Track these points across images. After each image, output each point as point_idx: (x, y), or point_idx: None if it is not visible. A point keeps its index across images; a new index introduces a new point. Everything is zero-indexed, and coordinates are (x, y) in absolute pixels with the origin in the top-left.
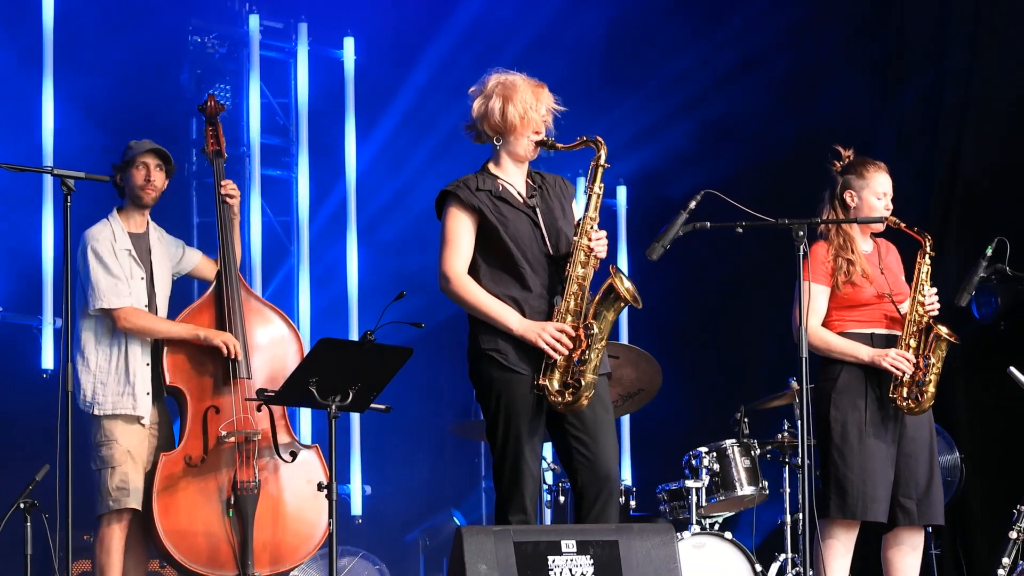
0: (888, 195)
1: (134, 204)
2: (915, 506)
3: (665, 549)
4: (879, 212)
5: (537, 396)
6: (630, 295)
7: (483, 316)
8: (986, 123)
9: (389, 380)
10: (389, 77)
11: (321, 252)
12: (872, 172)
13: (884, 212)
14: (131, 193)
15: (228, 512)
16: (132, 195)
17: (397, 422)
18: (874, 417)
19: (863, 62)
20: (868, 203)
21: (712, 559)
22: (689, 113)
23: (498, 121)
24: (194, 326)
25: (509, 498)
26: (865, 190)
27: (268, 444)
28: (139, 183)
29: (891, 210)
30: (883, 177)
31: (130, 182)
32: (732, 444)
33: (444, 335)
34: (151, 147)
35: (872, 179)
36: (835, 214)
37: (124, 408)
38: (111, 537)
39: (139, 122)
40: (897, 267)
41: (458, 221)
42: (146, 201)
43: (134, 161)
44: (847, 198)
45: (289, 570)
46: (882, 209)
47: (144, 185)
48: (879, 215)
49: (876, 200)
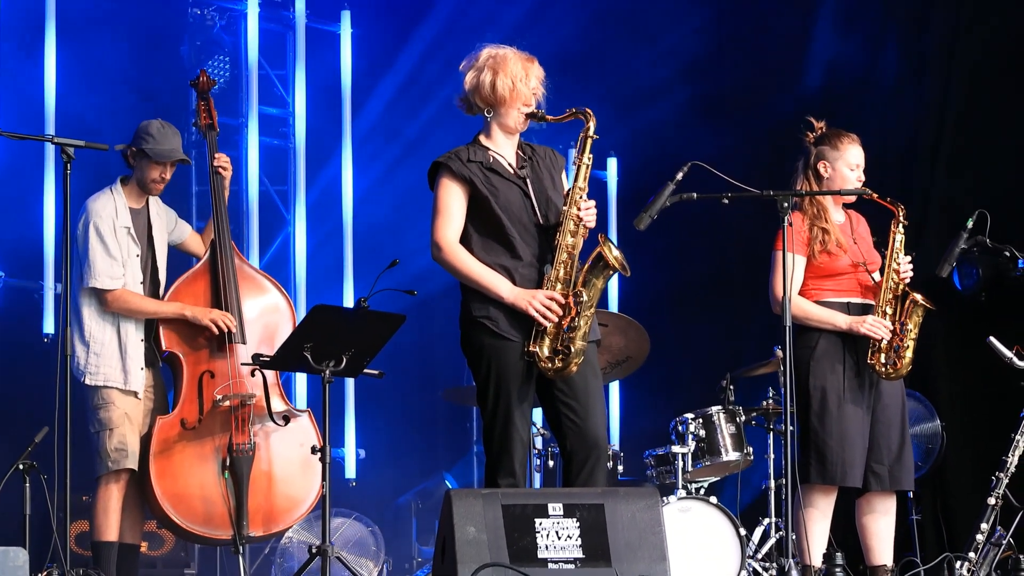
0: (860, 166)
1: (140, 188)
2: (887, 472)
3: (650, 513)
4: (852, 183)
5: (527, 362)
6: (618, 263)
7: (474, 284)
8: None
9: (382, 346)
10: (385, 50)
11: (317, 221)
12: (845, 144)
13: (857, 183)
14: (140, 180)
15: (224, 474)
16: (141, 183)
17: (390, 387)
18: (851, 384)
19: (850, 31)
20: (841, 174)
21: (698, 523)
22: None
23: (489, 93)
24: (182, 305)
25: (499, 461)
26: (839, 161)
27: (262, 409)
28: (154, 178)
29: (863, 181)
30: (856, 149)
31: (144, 172)
32: (718, 411)
33: (436, 303)
34: (180, 158)
35: (845, 150)
36: (809, 184)
37: (116, 382)
38: (109, 497)
39: (140, 93)
40: (868, 237)
41: (450, 191)
42: (154, 194)
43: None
44: (821, 169)
45: (283, 531)
46: (855, 180)
47: (159, 181)
48: (852, 186)
49: (849, 171)
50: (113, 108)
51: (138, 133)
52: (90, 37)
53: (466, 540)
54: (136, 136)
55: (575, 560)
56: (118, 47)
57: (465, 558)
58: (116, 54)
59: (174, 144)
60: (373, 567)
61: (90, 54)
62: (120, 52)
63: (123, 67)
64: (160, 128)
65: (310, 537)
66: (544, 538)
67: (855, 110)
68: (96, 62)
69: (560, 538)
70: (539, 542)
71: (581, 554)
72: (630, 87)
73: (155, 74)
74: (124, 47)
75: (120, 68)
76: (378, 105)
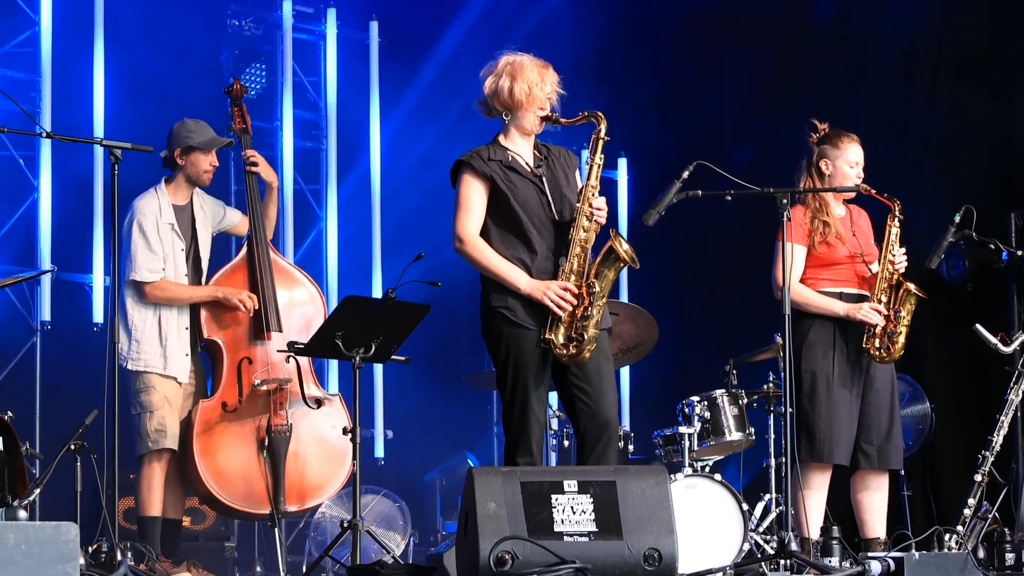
0: (860, 164)
1: (189, 182)
2: (875, 452)
3: (659, 489)
4: (851, 180)
5: (543, 349)
6: (628, 256)
7: (493, 276)
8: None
9: (408, 334)
10: (410, 57)
11: (348, 217)
12: (845, 143)
13: (856, 180)
14: (194, 174)
15: (262, 453)
16: (195, 176)
17: (416, 372)
18: (842, 369)
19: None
20: (841, 171)
21: (703, 498)
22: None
23: (506, 98)
24: (215, 287)
25: (517, 442)
26: (839, 159)
27: (297, 393)
28: (206, 168)
29: (862, 178)
30: (855, 148)
31: (196, 165)
32: (722, 394)
33: (459, 293)
34: (225, 142)
35: (845, 149)
36: (812, 180)
37: (156, 367)
38: (151, 475)
39: (183, 99)
40: (868, 231)
41: (471, 187)
42: (205, 183)
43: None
44: (822, 166)
45: (317, 507)
46: (854, 177)
47: (210, 170)
48: (852, 183)
49: (849, 168)
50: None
51: (178, 133)
52: (134, 46)
53: (487, 515)
54: (175, 137)
55: (589, 533)
56: (160, 55)
57: (486, 532)
58: (159, 62)
59: (211, 133)
60: (400, 540)
61: (134, 62)
62: (162, 60)
63: (165, 74)
64: (195, 123)
65: (342, 512)
66: (560, 513)
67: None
68: (140, 70)
69: (575, 513)
70: (555, 516)
71: (595, 528)
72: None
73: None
74: (166, 55)
75: (162, 75)
76: (404, 109)
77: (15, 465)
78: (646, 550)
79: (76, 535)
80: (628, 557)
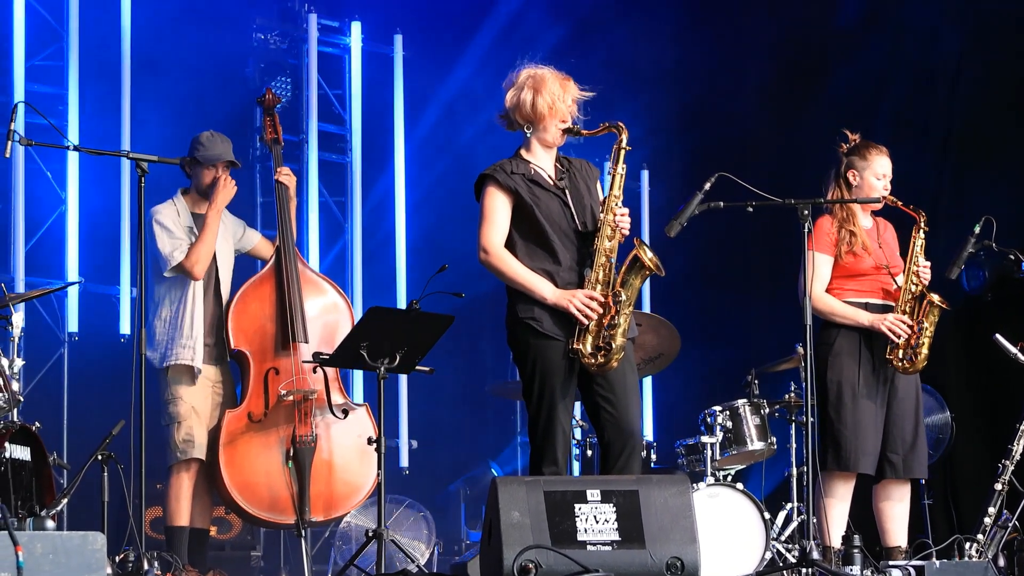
0: (887, 176)
1: (200, 193)
2: (901, 461)
3: (681, 498)
4: (878, 192)
5: (569, 359)
6: (653, 264)
7: (519, 287)
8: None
9: (432, 345)
10: (433, 71)
11: (373, 229)
12: (874, 155)
13: (883, 192)
14: (198, 187)
15: (287, 463)
16: (199, 189)
17: (441, 383)
18: (867, 379)
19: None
20: (868, 183)
21: (725, 508)
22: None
23: (528, 111)
24: (216, 212)
25: (543, 452)
26: (867, 171)
27: (323, 403)
28: (207, 182)
29: (889, 190)
30: (884, 160)
31: (199, 179)
32: (744, 403)
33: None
34: (228, 159)
35: (873, 161)
36: (839, 191)
37: (184, 359)
38: (179, 485)
39: (209, 111)
40: (894, 243)
41: (495, 200)
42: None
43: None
44: (850, 177)
45: (342, 516)
46: (881, 189)
47: (213, 184)
48: (878, 194)
49: (876, 180)
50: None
51: (191, 144)
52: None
53: (511, 524)
54: (190, 148)
55: (612, 543)
56: (186, 69)
57: (510, 540)
58: (185, 75)
59: (222, 149)
60: (425, 549)
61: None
62: (189, 73)
63: (191, 87)
64: (210, 137)
65: (367, 521)
66: (583, 522)
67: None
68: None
69: (598, 522)
70: (579, 526)
71: (618, 537)
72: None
73: (224, 93)
74: (192, 69)
75: (188, 88)
76: (428, 122)
77: (43, 475)
78: (669, 559)
79: (103, 545)
80: (651, 566)
